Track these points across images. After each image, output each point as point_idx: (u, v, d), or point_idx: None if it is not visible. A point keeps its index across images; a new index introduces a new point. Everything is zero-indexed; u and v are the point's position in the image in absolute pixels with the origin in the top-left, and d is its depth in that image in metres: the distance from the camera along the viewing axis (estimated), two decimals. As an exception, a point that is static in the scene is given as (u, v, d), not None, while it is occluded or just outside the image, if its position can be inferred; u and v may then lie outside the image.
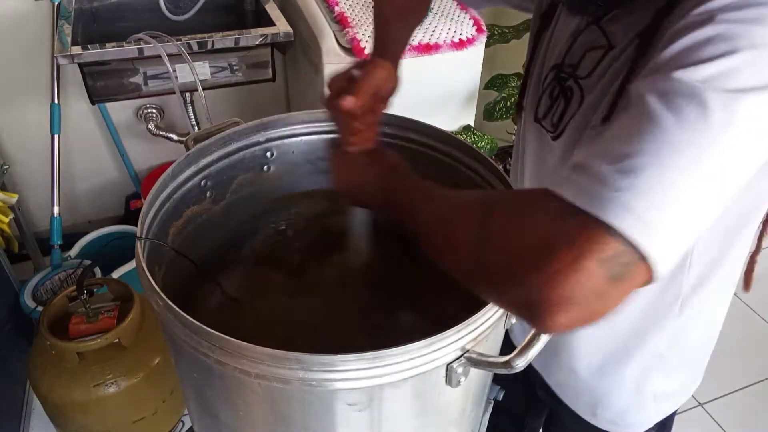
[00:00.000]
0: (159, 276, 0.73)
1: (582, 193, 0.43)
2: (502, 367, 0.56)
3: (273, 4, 1.76)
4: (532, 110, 0.74)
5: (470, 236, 0.50)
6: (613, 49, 0.61)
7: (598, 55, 0.62)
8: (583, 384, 0.84)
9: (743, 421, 1.76)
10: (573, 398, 0.88)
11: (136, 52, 1.50)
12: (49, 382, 1.31)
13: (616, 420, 0.85)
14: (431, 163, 0.83)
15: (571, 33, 0.67)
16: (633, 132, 0.43)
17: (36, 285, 1.70)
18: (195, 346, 0.56)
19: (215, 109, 1.79)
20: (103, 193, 2.15)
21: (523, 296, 0.44)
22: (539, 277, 0.42)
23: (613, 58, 0.60)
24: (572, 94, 0.66)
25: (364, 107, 0.68)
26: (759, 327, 2.04)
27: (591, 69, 0.63)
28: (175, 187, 0.77)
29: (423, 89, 1.73)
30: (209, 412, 0.69)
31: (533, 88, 0.75)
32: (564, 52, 0.67)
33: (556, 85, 0.69)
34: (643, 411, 0.85)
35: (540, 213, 0.46)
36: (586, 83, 0.64)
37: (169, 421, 1.51)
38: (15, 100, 1.85)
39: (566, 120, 0.67)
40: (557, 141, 0.69)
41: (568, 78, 0.67)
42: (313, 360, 0.52)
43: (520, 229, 0.46)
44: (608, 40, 0.61)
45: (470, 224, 0.50)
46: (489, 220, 0.49)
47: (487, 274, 0.49)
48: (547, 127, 0.71)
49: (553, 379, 0.89)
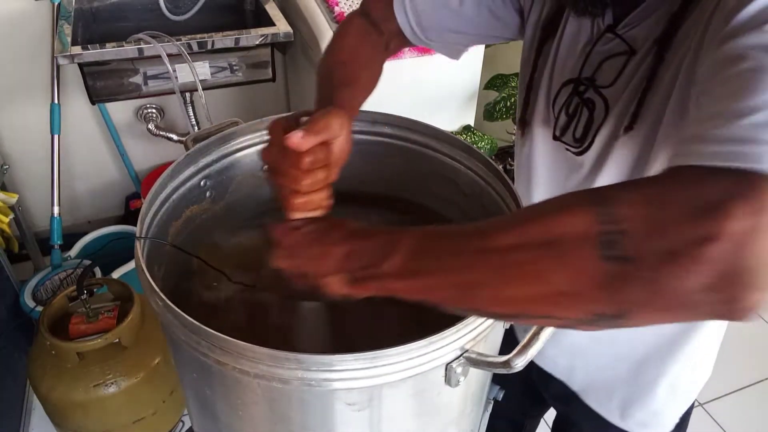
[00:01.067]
0: (158, 276, 0.73)
1: (724, 155, 0.38)
2: (501, 366, 0.56)
3: (273, 4, 1.77)
4: (546, 128, 0.72)
5: (587, 242, 0.38)
6: (635, 54, 0.60)
7: (620, 63, 0.61)
8: (620, 381, 0.82)
9: (743, 421, 1.76)
10: (603, 399, 0.85)
11: (136, 52, 1.50)
12: (49, 382, 1.31)
13: (647, 420, 0.83)
14: (431, 163, 0.83)
15: (584, 45, 0.66)
16: (752, 88, 0.40)
17: (36, 285, 1.70)
18: (194, 346, 0.56)
19: (215, 109, 1.79)
20: (103, 193, 2.15)
21: (711, 273, 0.35)
22: (725, 242, 0.35)
23: (638, 64, 0.60)
24: (594, 105, 0.65)
25: (312, 156, 0.54)
26: (759, 327, 2.04)
27: (614, 77, 0.62)
28: (175, 187, 0.77)
29: (423, 89, 1.73)
30: (209, 412, 0.69)
31: (542, 104, 0.73)
32: (580, 66, 0.66)
33: (573, 99, 0.67)
34: (674, 407, 0.83)
35: (680, 187, 0.38)
36: (609, 92, 0.63)
37: (169, 421, 1.51)
38: (15, 100, 1.85)
39: (592, 133, 0.65)
40: (584, 156, 0.68)
41: (587, 89, 0.65)
42: (313, 360, 0.52)
43: (665, 206, 0.38)
44: (629, 46, 0.60)
45: (576, 229, 0.39)
46: (612, 212, 0.38)
47: (640, 270, 0.37)
48: (568, 142, 0.69)
49: (578, 384, 0.87)
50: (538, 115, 0.74)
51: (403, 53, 1.60)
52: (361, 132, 0.85)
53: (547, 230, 0.41)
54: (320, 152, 0.55)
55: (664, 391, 0.81)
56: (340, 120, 0.56)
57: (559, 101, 0.69)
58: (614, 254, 0.38)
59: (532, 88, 0.74)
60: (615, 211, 0.38)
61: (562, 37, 0.69)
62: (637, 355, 0.79)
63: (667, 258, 0.36)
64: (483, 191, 0.78)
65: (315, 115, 0.56)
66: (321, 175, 0.56)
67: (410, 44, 0.78)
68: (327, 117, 0.55)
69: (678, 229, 0.36)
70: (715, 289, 0.35)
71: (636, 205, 0.38)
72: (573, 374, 0.87)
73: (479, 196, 0.78)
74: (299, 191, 0.56)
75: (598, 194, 0.41)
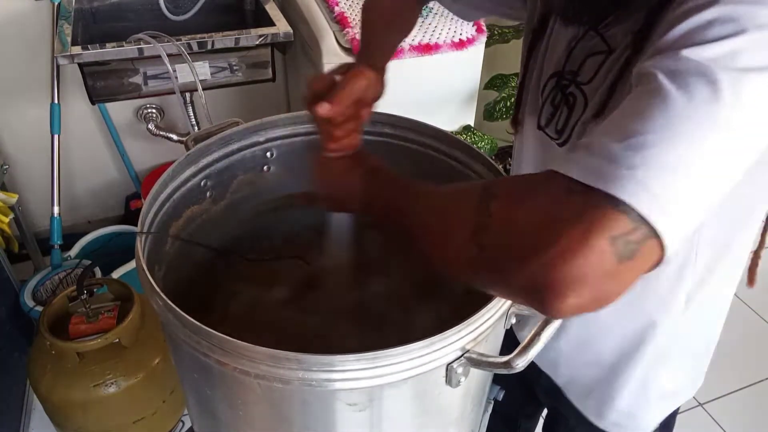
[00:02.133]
0: (159, 276, 0.73)
1: (591, 171, 0.42)
2: (502, 367, 0.56)
3: (273, 4, 1.77)
4: (533, 119, 0.74)
5: (470, 223, 0.47)
6: (614, 52, 0.61)
7: (599, 60, 0.62)
8: (594, 382, 0.83)
9: (743, 421, 1.76)
10: (582, 397, 0.87)
11: (136, 52, 1.50)
12: (49, 382, 1.31)
13: (621, 421, 0.85)
14: (431, 163, 0.83)
15: (568, 40, 0.67)
16: (642, 110, 0.43)
17: (36, 285, 1.70)
18: (195, 346, 0.56)
19: (215, 109, 1.79)
20: (103, 193, 2.15)
21: (531, 279, 0.42)
22: (547, 257, 0.40)
23: (614, 62, 0.61)
24: (575, 100, 0.66)
25: (343, 115, 0.66)
26: (759, 327, 2.04)
27: (592, 74, 0.63)
28: (176, 187, 0.77)
29: (423, 89, 1.73)
30: (209, 412, 0.69)
31: (531, 99, 0.74)
32: (564, 60, 0.67)
33: (557, 92, 0.68)
34: (648, 411, 0.84)
35: (545, 193, 0.44)
36: (588, 89, 0.64)
37: (169, 421, 1.51)
38: (15, 100, 1.85)
39: (571, 126, 0.67)
40: (563, 147, 0.69)
41: (570, 84, 0.66)
42: (313, 360, 0.52)
43: (524, 210, 0.45)
44: (608, 45, 0.61)
45: (469, 212, 0.48)
46: (490, 205, 0.47)
47: (490, 261, 0.46)
48: (551, 134, 0.71)
49: (562, 378, 0.89)
50: (527, 109, 0.75)
51: (403, 53, 1.60)
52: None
53: (454, 210, 0.52)
54: (349, 109, 0.66)
55: (632, 394, 0.82)
56: (367, 81, 0.68)
57: (545, 93, 0.71)
58: (478, 241, 0.46)
59: (524, 90, 0.75)
60: (490, 206, 0.47)
61: (549, 38, 0.70)
62: (606, 355, 0.80)
63: (506, 256, 0.44)
64: (483, 191, 0.78)
65: (346, 78, 0.67)
66: (351, 126, 0.68)
67: None
68: (355, 82, 0.67)
69: (522, 235, 0.43)
70: (530, 293, 0.43)
71: (505, 205, 0.46)
72: (557, 369, 0.89)
73: (479, 196, 0.79)
74: (332, 138, 0.68)
75: (488, 188, 0.49)
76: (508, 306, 0.61)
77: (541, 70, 0.72)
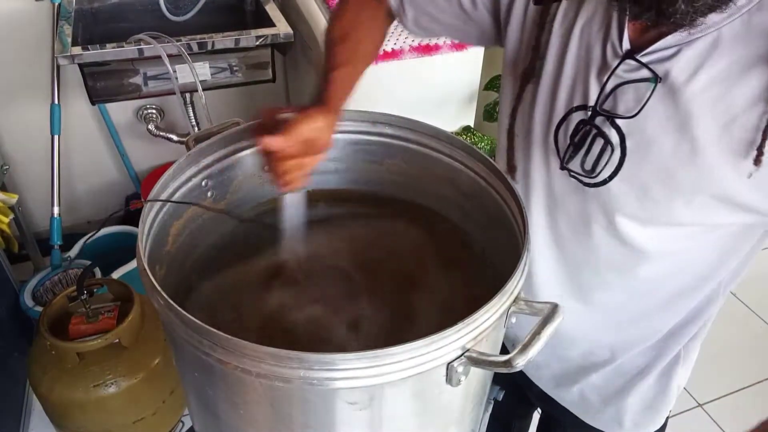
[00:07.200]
0: (159, 276, 0.73)
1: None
2: (502, 366, 0.56)
3: (273, 4, 1.77)
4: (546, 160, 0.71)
5: None
6: (660, 80, 0.57)
7: (643, 91, 0.58)
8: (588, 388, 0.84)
9: (743, 421, 1.76)
10: (573, 404, 0.88)
11: (136, 52, 1.50)
12: (49, 382, 1.31)
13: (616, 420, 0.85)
14: (431, 163, 0.83)
15: (598, 70, 0.62)
16: None
17: (36, 285, 1.70)
18: (196, 345, 0.56)
19: (215, 109, 1.79)
20: (103, 193, 2.15)
21: None
22: None
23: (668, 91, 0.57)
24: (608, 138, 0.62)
25: (289, 153, 0.65)
26: (759, 327, 2.04)
27: (639, 107, 0.58)
28: (176, 187, 0.77)
29: (423, 89, 1.74)
30: (210, 411, 0.69)
31: (539, 135, 0.71)
32: (598, 92, 0.62)
33: (583, 127, 0.64)
34: (667, 406, 0.85)
35: None
36: (627, 123, 0.60)
37: (169, 421, 1.51)
38: (15, 101, 1.85)
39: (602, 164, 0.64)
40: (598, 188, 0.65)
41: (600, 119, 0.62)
42: (314, 359, 0.52)
43: None
44: (653, 72, 0.57)
45: None
46: None
47: None
48: (577, 172, 0.67)
49: (569, 400, 0.89)
50: (534, 150, 0.72)
51: (403, 53, 1.60)
52: (361, 132, 0.85)
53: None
54: (294, 148, 0.65)
55: (657, 388, 0.83)
56: (320, 125, 0.66)
57: (566, 129, 0.67)
58: None
59: (514, 135, 0.74)
60: None
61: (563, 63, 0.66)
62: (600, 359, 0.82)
63: None
64: (483, 191, 0.78)
65: (296, 118, 0.65)
66: (296, 166, 0.67)
67: None
68: (306, 122, 0.65)
69: None
70: None
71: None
72: (565, 396, 0.90)
73: (479, 196, 0.79)
74: (277, 174, 0.67)
75: None
76: (508, 305, 0.61)
77: (552, 106, 0.68)
